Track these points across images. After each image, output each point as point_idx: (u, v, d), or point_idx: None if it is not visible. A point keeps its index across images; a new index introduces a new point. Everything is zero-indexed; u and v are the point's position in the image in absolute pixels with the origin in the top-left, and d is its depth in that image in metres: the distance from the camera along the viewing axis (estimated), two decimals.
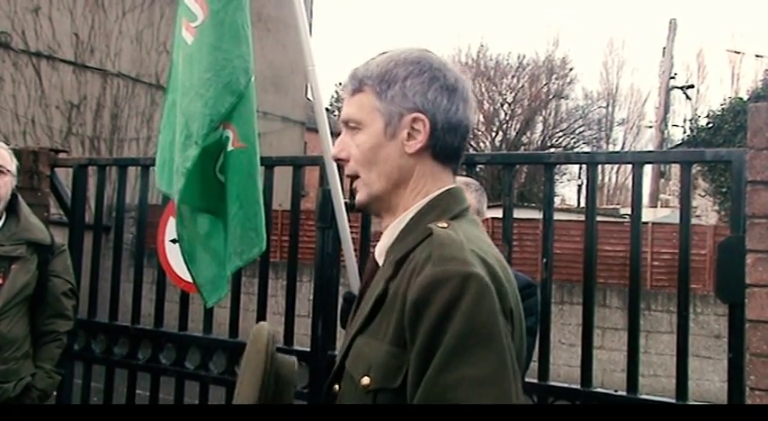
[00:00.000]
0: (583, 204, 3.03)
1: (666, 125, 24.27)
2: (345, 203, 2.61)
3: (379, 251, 1.27)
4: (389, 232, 1.25)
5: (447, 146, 1.23)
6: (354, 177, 1.28)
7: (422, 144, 1.22)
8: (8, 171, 2.83)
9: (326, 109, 2.87)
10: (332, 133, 2.60)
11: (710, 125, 16.10)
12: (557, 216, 3.05)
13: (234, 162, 2.55)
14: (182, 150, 2.49)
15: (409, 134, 1.22)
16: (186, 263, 2.61)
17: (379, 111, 1.23)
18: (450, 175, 1.27)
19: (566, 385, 2.59)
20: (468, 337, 1.02)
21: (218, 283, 2.65)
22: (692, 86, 26.97)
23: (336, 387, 1.23)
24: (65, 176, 3.79)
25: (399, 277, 1.14)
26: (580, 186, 28.32)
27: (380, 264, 1.25)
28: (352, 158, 1.26)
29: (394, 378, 1.08)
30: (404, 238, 1.20)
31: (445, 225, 1.16)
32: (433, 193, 1.23)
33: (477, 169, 3.85)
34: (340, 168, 2.64)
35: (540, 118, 31.10)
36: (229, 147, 2.55)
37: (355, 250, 2.64)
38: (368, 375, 1.12)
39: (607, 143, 32.90)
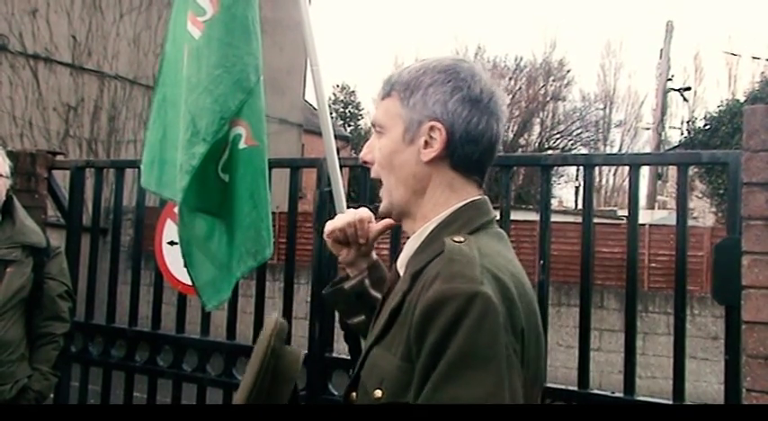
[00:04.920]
0: (580, 206, 3.03)
1: (664, 127, 24.30)
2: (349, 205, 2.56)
3: (401, 262, 1.27)
4: (411, 244, 1.25)
5: (466, 157, 1.22)
6: (380, 182, 1.30)
7: (436, 153, 1.21)
8: (1, 173, 2.82)
9: None
10: (335, 136, 2.58)
11: (707, 127, 16.14)
12: (554, 218, 3.06)
13: (247, 160, 2.48)
14: (187, 148, 2.39)
15: (426, 142, 1.22)
16: (186, 265, 2.55)
17: (401, 117, 1.23)
18: (474, 187, 1.25)
19: (563, 387, 2.59)
20: (467, 357, 1.01)
21: (220, 287, 2.57)
22: (688, 88, 27.02)
23: (354, 394, 1.23)
24: (62, 179, 3.79)
25: (413, 291, 1.14)
26: (577, 188, 28.36)
27: (401, 274, 1.25)
28: (376, 161, 1.28)
29: (404, 393, 1.08)
30: (423, 251, 1.20)
31: (461, 239, 1.15)
32: (455, 206, 1.22)
33: None
34: (342, 169, 2.63)
35: (538, 120, 31.19)
36: (242, 145, 2.48)
37: None
38: (380, 388, 1.12)
39: (604, 145, 33.00)
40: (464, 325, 1.02)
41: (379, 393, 1.12)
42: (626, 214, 2.72)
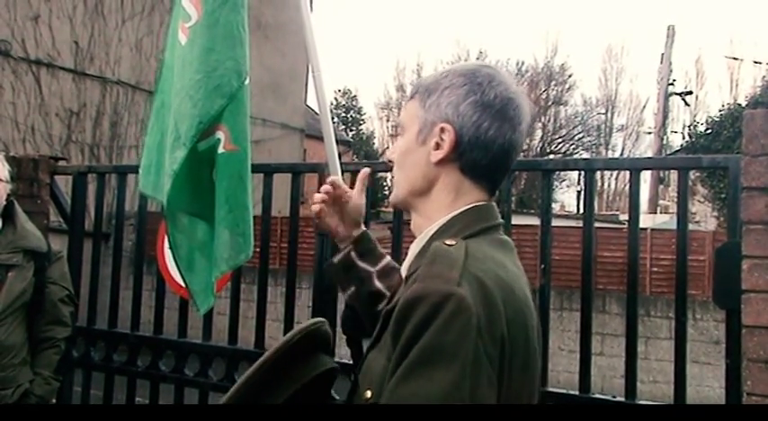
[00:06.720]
0: (582, 210, 3.05)
1: (665, 131, 24.29)
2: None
3: (404, 267, 1.28)
4: (413, 248, 1.26)
5: (475, 161, 1.22)
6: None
7: (444, 155, 1.22)
8: (0, 178, 2.83)
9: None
10: (336, 141, 2.58)
11: (709, 131, 16.13)
12: (556, 222, 3.06)
13: (225, 165, 2.47)
14: (170, 152, 2.41)
15: (437, 143, 1.23)
16: (180, 269, 2.56)
17: (418, 118, 1.26)
18: (483, 192, 1.24)
19: (563, 391, 2.59)
20: (431, 355, 1.01)
21: (209, 290, 2.58)
22: (690, 93, 27.03)
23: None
24: (64, 184, 3.80)
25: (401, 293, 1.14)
26: (579, 192, 28.34)
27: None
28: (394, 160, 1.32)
29: None
30: (421, 255, 1.20)
31: (452, 242, 1.14)
32: (458, 210, 1.22)
33: None
34: (343, 174, 2.63)
35: (539, 124, 31.18)
36: (220, 150, 2.47)
37: None
38: (369, 388, 1.12)
39: (606, 149, 32.96)
40: (434, 324, 1.01)
41: (368, 394, 1.12)
42: (627, 218, 2.72)
